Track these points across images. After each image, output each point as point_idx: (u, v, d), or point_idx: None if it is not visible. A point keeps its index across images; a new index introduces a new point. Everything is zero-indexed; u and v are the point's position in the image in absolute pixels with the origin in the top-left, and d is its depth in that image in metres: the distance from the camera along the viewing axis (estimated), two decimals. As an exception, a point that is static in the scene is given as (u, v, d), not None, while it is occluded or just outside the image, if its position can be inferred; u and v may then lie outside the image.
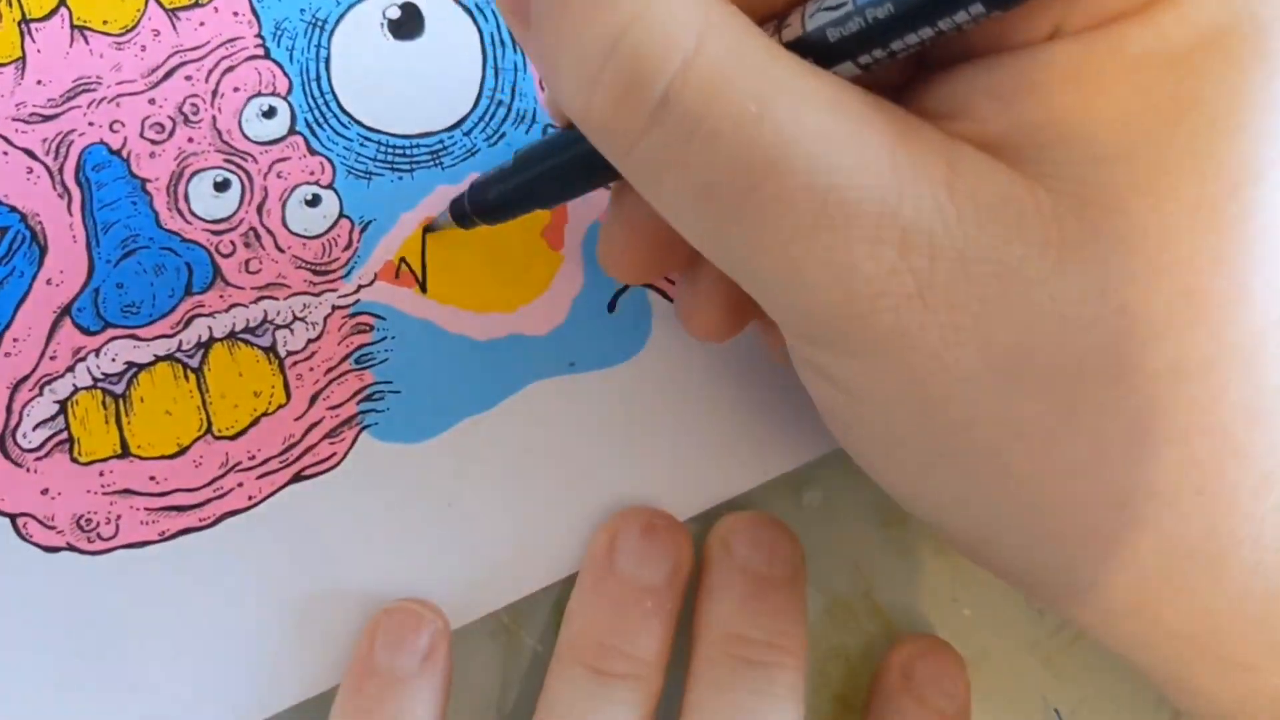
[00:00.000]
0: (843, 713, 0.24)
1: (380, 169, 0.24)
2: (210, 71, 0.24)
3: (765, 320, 0.21)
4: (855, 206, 0.14)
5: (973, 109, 0.15)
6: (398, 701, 0.21)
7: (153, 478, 0.23)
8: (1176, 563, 0.15)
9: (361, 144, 0.24)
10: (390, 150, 0.24)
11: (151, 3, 0.24)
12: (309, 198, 0.24)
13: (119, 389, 0.23)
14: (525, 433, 0.24)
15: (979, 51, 0.15)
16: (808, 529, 0.24)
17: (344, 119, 0.24)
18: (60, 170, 0.23)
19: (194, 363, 0.23)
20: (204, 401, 0.23)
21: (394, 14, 0.25)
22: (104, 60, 0.24)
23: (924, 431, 0.15)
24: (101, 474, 0.22)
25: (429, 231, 0.24)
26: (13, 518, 0.22)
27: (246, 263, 0.24)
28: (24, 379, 0.23)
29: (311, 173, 0.24)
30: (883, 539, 0.25)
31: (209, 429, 0.23)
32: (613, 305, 0.25)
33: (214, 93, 0.24)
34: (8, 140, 0.23)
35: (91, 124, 0.24)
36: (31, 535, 0.22)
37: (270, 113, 0.24)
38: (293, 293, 0.24)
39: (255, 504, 0.23)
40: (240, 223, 0.24)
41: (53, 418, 0.22)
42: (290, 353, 0.23)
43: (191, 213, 0.24)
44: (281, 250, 0.24)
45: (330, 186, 0.24)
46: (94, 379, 0.23)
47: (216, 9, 0.24)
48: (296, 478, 0.23)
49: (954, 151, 0.14)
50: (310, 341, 0.23)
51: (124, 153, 0.24)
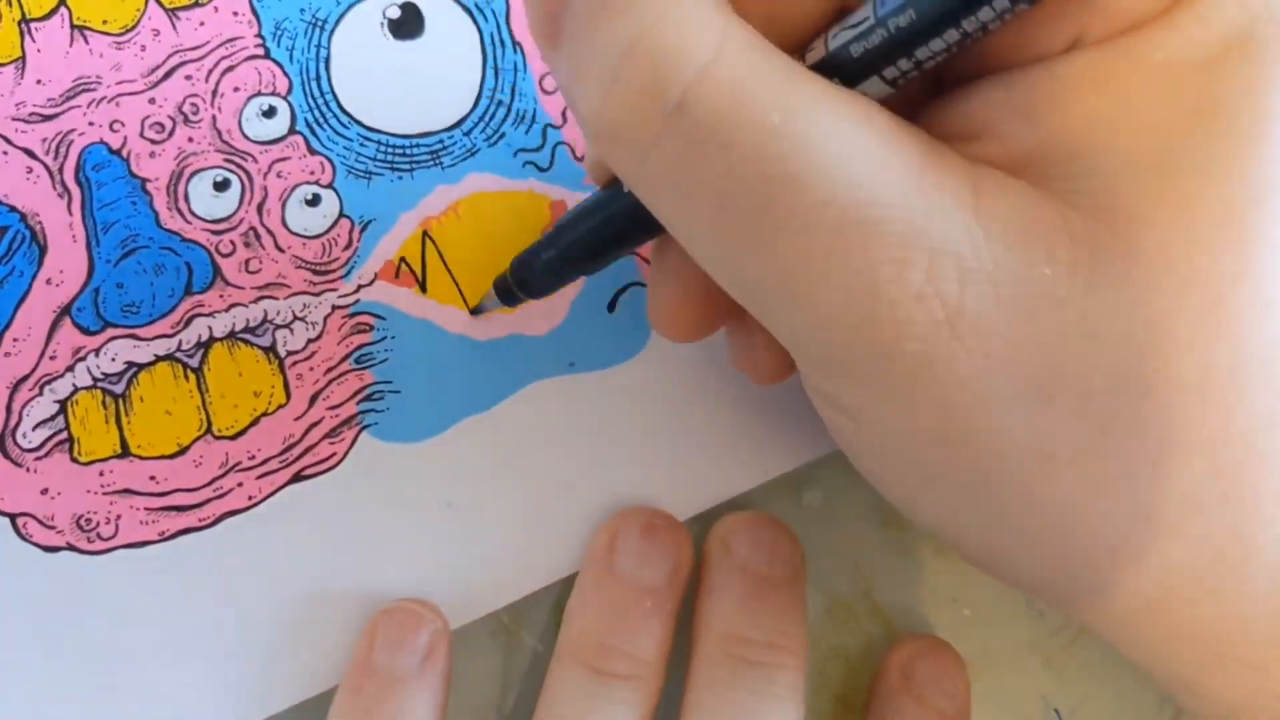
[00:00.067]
0: (843, 713, 0.24)
1: (380, 169, 0.24)
2: (210, 71, 0.24)
3: (739, 325, 0.20)
4: (880, 225, 0.13)
5: (995, 127, 0.14)
6: (397, 701, 0.21)
7: (153, 477, 0.23)
8: (1205, 567, 0.14)
9: (361, 144, 0.24)
10: (390, 150, 0.24)
11: (151, 2, 0.24)
12: (309, 197, 0.24)
13: (119, 389, 0.23)
14: (525, 433, 0.24)
15: (997, 66, 0.14)
16: (808, 529, 0.24)
17: (344, 119, 0.24)
18: (60, 170, 0.23)
19: (194, 362, 0.23)
20: (204, 401, 0.23)
21: (394, 14, 0.25)
22: (104, 60, 0.24)
23: (946, 460, 0.15)
24: (101, 474, 0.22)
25: (475, 314, 0.24)
26: (12, 517, 0.22)
27: (246, 262, 0.24)
28: (24, 379, 0.23)
29: (311, 172, 0.24)
30: (883, 539, 0.25)
31: (209, 429, 0.23)
32: (613, 305, 0.25)
33: (214, 92, 0.24)
34: (7, 140, 0.23)
35: (91, 124, 0.24)
36: (31, 535, 0.22)
37: (270, 112, 0.24)
38: (293, 292, 0.24)
39: (255, 504, 0.23)
40: (240, 222, 0.24)
41: (52, 417, 0.22)
42: (290, 352, 0.23)
43: (191, 212, 0.24)
44: (281, 250, 0.24)
45: (330, 186, 0.24)
46: (94, 379, 0.23)
47: (216, 9, 0.24)
48: (296, 477, 0.23)
49: (978, 174, 0.14)
50: (310, 341, 0.23)
51: (124, 152, 0.24)
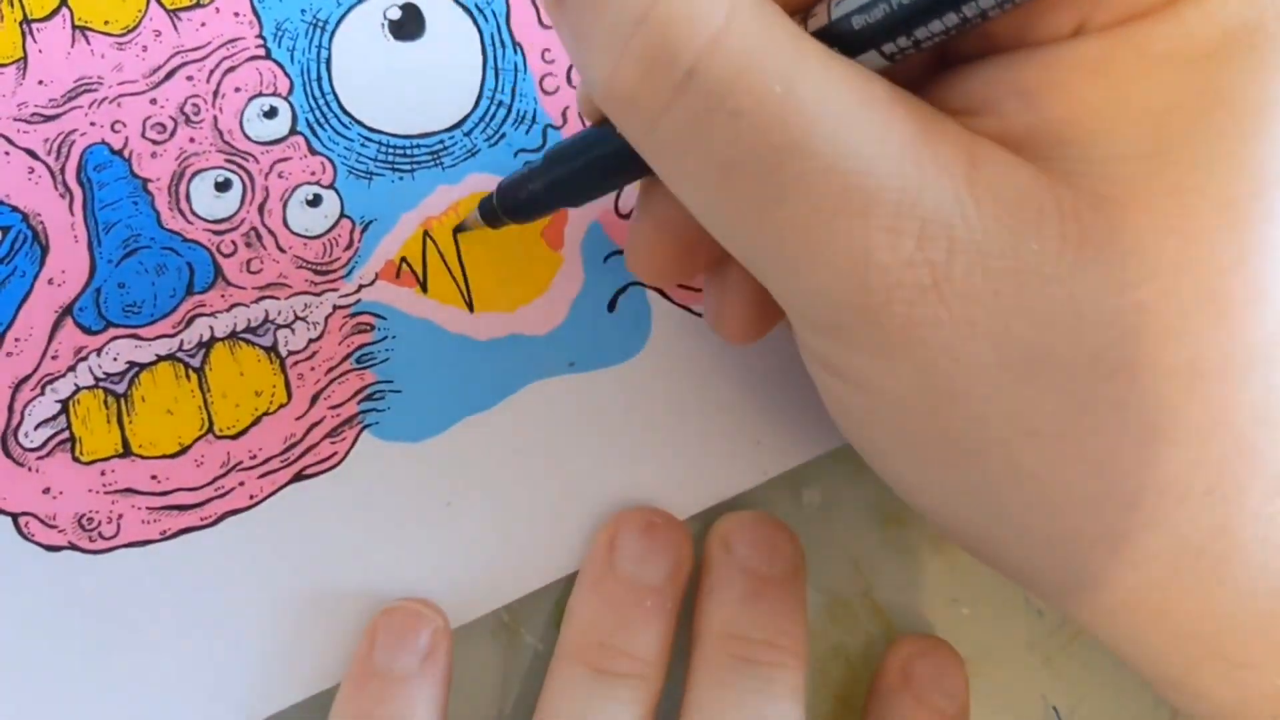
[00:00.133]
0: (843, 712, 0.24)
1: (381, 169, 0.24)
2: (211, 72, 0.24)
3: (714, 277, 0.21)
4: (875, 194, 0.14)
5: (995, 105, 0.14)
6: (398, 701, 0.21)
7: (154, 477, 0.23)
8: (1185, 561, 0.14)
9: (362, 144, 0.24)
10: (391, 150, 0.24)
11: (153, 3, 0.24)
12: (310, 198, 0.24)
13: (120, 388, 0.23)
14: (525, 432, 0.24)
15: (1002, 47, 0.15)
16: (807, 528, 0.24)
17: (345, 119, 0.24)
18: (62, 170, 0.23)
19: (195, 362, 0.23)
20: (205, 401, 0.23)
21: (394, 14, 0.25)
22: (105, 60, 0.24)
23: (934, 427, 0.15)
24: (103, 473, 0.22)
25: (459, 231, 0.24)
26: (14, 517, 0.22)
27: (248, 262, 0.24)
28: (26, 378, 0.23)
29: (312, 173, 0.24)
30: (882, 538, 0.25)
31: (210, 428, 0.23)
32: (613, 305, 0.25)
33: (215, 93, 0.24)
34: (9, 140, 0.23)
35: (93, 124, 0.24)
36: (33, 534, 0.22)
37: (271, 113, 0.24)
38: (294, 292, 0.24)
39: (256, 503, 0.23)
40: (241, 222, 0.24)
41: (54, 417, 0.23)
42: (291, 352, 0.23)
43: (193, 212, 0.24)
44: (283, 250, 0.24)
45: (331, 186, 0.24)
46: (95, 378, 0.23)
47: (218, 9, 0.24)
48: (298, 477, 0.23)
49: (975, 146, 0.14)
50: (311, 341, 0.24)
51: (125, 153, 0.24)
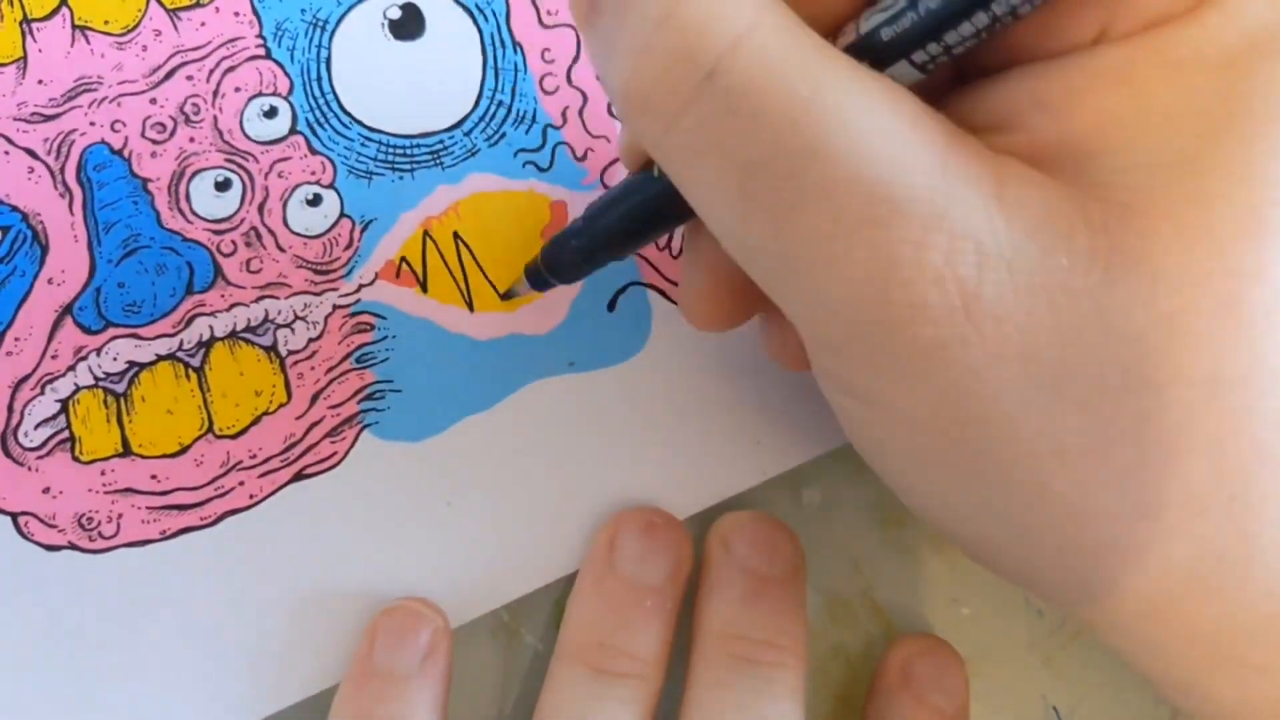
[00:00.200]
0: (843, 712, 0.24)
1: (381, 169, 0.24)
2: (211, 71, 0.24)
3: (770, 313, 0.21)
4: (902, 205, 0.13)
5: (1019, 119, 0.14)
6: (398, 700, 0.21)
7: (154, 476, 0.23)
8: (1206, 568, 0.14)
9: (362, 144, 0.24)
10: (391, 150, 0.24)
11: (153, 3, 0.24)
12: (310, 197, 0.24)
13: (120, 388, 0.23)
14: (525, 432, 0.24)
15: (1023, 58, 0.15)
16: (807, 528, 0.24)
17: (345, 119, 0.24)
18: (61, 170, 0.23)
19: (195, 362, 0.23)
20: (205, 400, 0.23)
21: (394, 14, 0.25)
22: (105, 60, 0.24)
23: (955, 448, 0.15)
24: (103, 473, 0.22)
25: (506, 299, 0.24)
26: (14, 516, 0.22)
27: (248, 262, 0.24)
28: (25, 378, 0.23)
29: (312, 172, 0.24)
30: (882, 538, 0.25)
31: (210, 428, 0.23)
32: (612, 305, 0.25)
33: (215, 93, 0.24)
34: (9, 140, 0.23)
35: (93, 124, 0.24)
36: (33, 534, 0.22)
37: (271, 112, 0.24)
38: (294, 292, 0.24)
39: (256, 503, 0.23)
40: (241, 222, 0.24)
41: (54, 417, 0.23)
42: (291, 352, 0.23)
43: (193, 212, 0.24)
44: (282, 249, 0.24)
45: (331, 186, 0.24)
46: (95, 378, 0.23)
47: (218, 9, 0.24)
48: (298, 476, 0.23)
49: (1000, 164, 0.14)
50: (311, 340, 0.24)
51: (125, 152, 0.24)
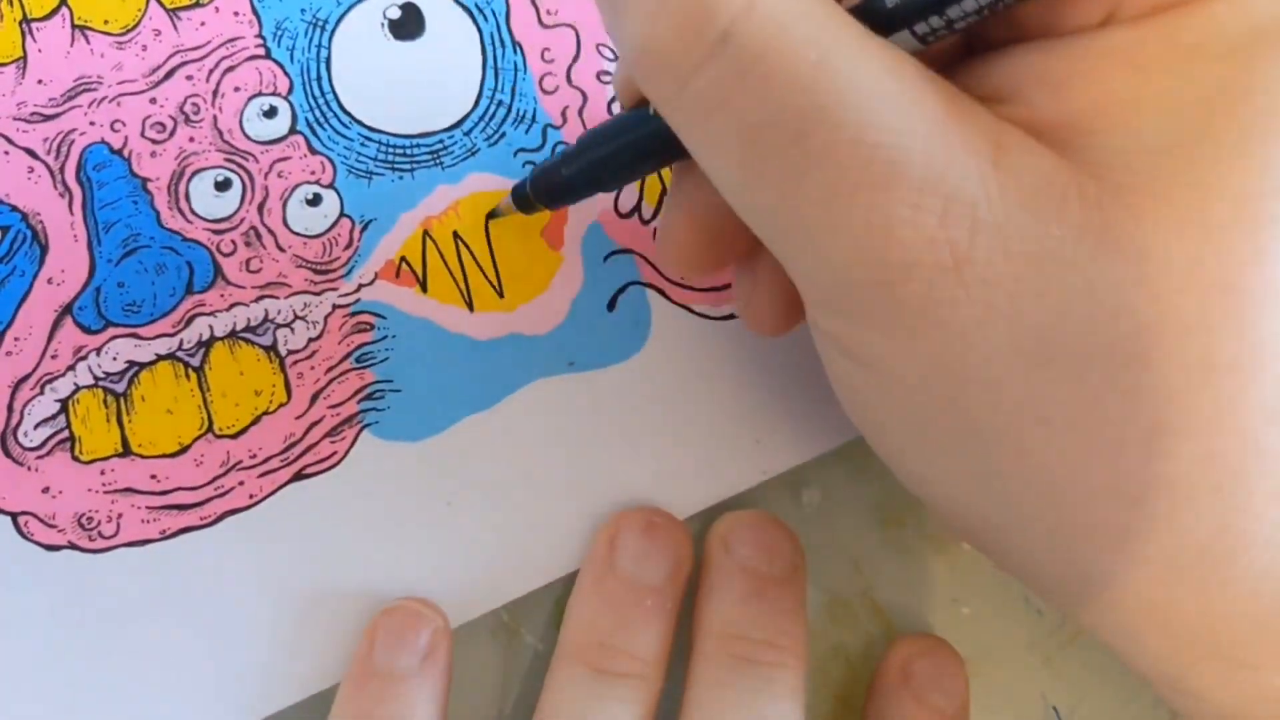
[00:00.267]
0: (842, 712, 0.24)
1: (381, 168, 0.24)
2: (211, 71, 0.24)
3: (745, 268, 0.21)
4: (901, 168, 0.14)
5: (1023, 94, 0.14)
6: (398, 701, 0.21)
7: (154, 476, 0.23)
8: (1188, 559, 0.14)
9: (362, 143, 0.24)
10: (391, 150, 0.24)
11: (152, 3, 0.24)
12: (310, 197, 0.24)
13: (120, 388, 0.23)
14: (525, 431, 0.24)
15: (1031, 35, 0.15)
16: (807, 528, 0.24)
17: (344, 119, 0.24)
18: (61, 169, 0.23)
19: (195, 361, 0.23)
20: (205, 400, 0.23)
21: (394, 14, 0.25)
22: (105, 60, 0.24)
23: (943, 412, 0.15)
24: (103, 472, 0.22)
25: (491, 218, 0.24)
26: (14, 516, 0.22)
27: (247, 262, 0.24)
28: (25, 378, 0.23)
29: (312, 172, 0.24)
30: (882, 538, 0.25)
31: (210, 428, 0.23)
32: (612, 304, 0.25)
33: (215, 92, 0.24)
34: (9, 140, 0.23)
35: (92, 123, 0.24)
36: (33, 534, 0.22)
37: (271, 112, 0.24)
38: (293, 292, 0.24)
39: (256, 502, 0.23)
40: (241, 222, 0.24)
41: (54, 416, 0.23)
42: (291, 351, 0.23)
43: (192, 212, 0.24)
44: (282, 249, 0.24)
45: (331, 186, 0.24)
46: (95, 378, 0.23)
47: (217, 9, 0.24)
48: (297, 476, 0.23)
49: (1001, 132, 0.14)
50: (311, 340, 0.24)
51: (125, 152, 0.24)
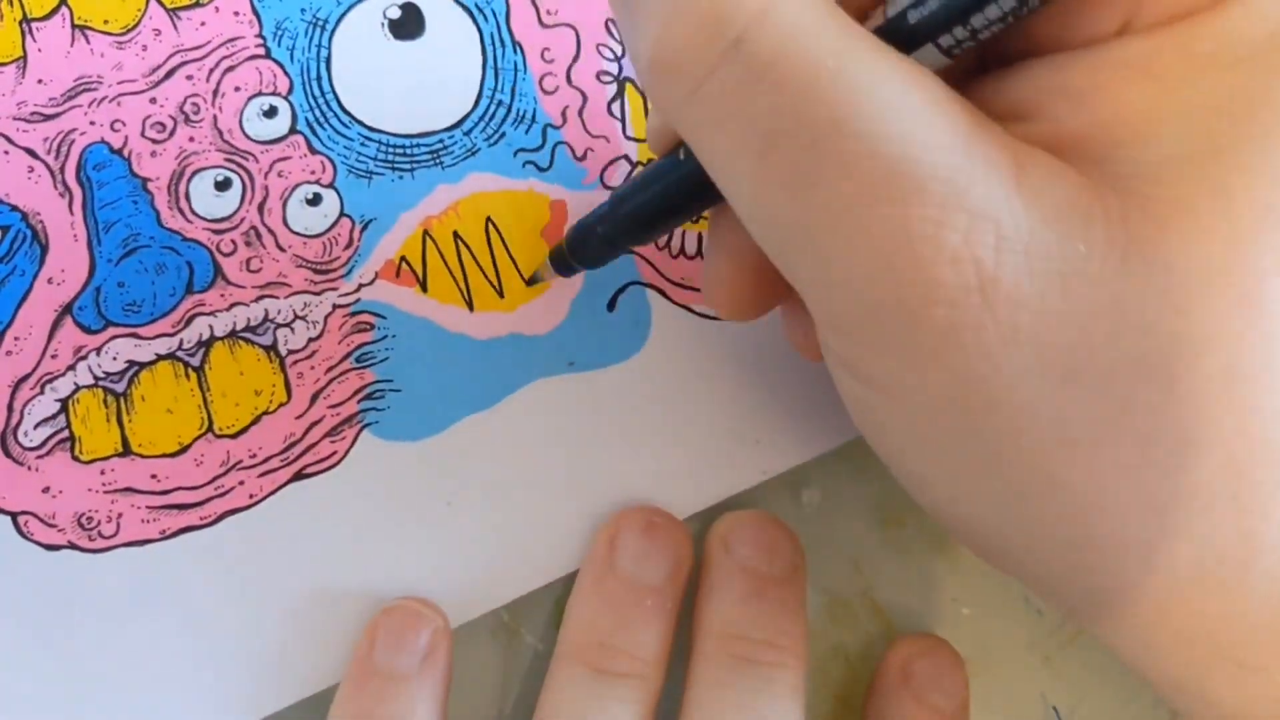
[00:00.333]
0: (842, 712, 0.24)
1: (381, 168, 0.24)
2: (211, 71, 0.24)
3: (793, 300, 0.20)
4: (921, 182, 0.13)
5: (1042, 109, 0.14)
6: (398, 700, 0.21)
7: (154, 476, 0.23)
8: (1208, 567, 0.14)
9: (362, 143, 0.24)
10: (391, 150, 0.24)
11: (152, 2, 0.24)
12: (310, 197, 0.24)
13: (120, 387, 0.23)
14: (525, 431, 0.24)
15: (1045, 48, 0.15)
16: (807, 528, 0.24)
17: (345, 118, 0.24)
18: (61, 169, 0.23)
19: (195, 361, 0.23)
20: (205, 400, 0.23)
21: (394, 14, 0.25)
22: (105, 60, 0.24)
23: (965, 436, 0.15)
24: (103, 472, 0.22)
25: (531, 284, 0.24)
26: (14, 516, 0.22)
27: (247, 261, 0.24)
28: (25, 377, 0.23)
29: (312, 172, 0.24)
30: (882, 538, 0.25)
31: (210, 427, 0.23)
32: (612, 304, 0.25)
33: (215, 92, 0.24)
34: (9, 139, 0.23)
35: (92, 123, 0.24)
36: (33, 533, 0.22)
37: (271, 112, 0.24)
38: (293, 291, 0.24)
39: (256, 502, 0.23)
40: (241, 222, 0.24)
41: (54, 416, 0.23)
42: (291, 351, 0.23)
43: (192, 212, 0.24)
44: (282, 249, 0.24)
45: (331, 185, 0.24)
46: (95, 377, 0.23)
47: (217, 9, 0.24)
48: (297, 476, 0.23)
49: (1021, 150, 0.14)
50: (311, 340, 0.23)
51: (125, 152, 0.24)
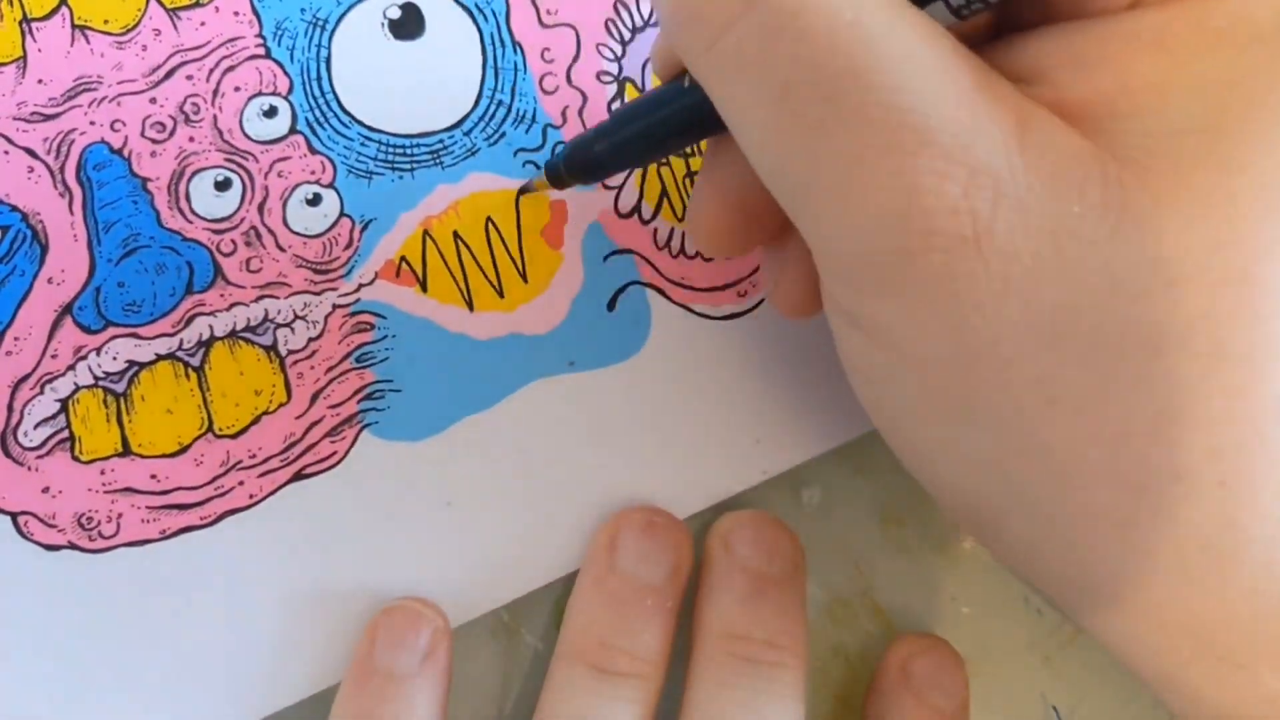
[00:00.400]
0: (843, 712, 0.24)
1: (381, 168, 0.24)
2: (211, 71, 0.24)
3: (775, 248, 0.21)
4: (928, 135, 0.14)
5: (1050, 75, 0.15)
6: (398, 700, 0.21)
7: (154, 476, 0.23)
8: (1190, 554, 0.14)
9: (362, 143, 0.24)
10: (391, 149, 0.24)
11: (152, 2, 0.24)
12: (310, 197, 0.24)
13: (120, 387, 0.23)
14: (525, 431, 0.24)
15: (1059, 16, 0.15)
16: (807, 527, 0.24)
17: (345, 118, 0.24)
18: (61, 169, 0.23)
19: (195, 361, 0.23)
20: (205, 400, 0.23)
21: (394, 14, 0.25)
22: (105, 60, 0.24)
23: (952, 389, 0.15)
24: (103, 472, 0.22)
25: (522, 193, 0.24)
26: (14, 516, 0.22)
27: (247, 261, 0.24)
28: (25, 377, 0.23)
29: (312, 172, 0.24)
30: (882, 537, 0.25)
31: (210, 427, 0.23)
32: (612, 304, 0.25)
33: (215, 92, 0.24)
34: (9, 139, 0.23)
35: (92, 123, 0.24)
36: (33, 534, 0.22)
37: (271, 112, 0.24)
38: (293, 291, 0.24)
39: (256, 502, 0.23)
40: (241, 222, 0.24)
41: (54, 416, 0.23)
42: (291, 351, 0.23)
43: (192, 212, 0.24)
44: (282, 249, 0.24)
45: (331, 185, 0.24)
46: (95, 377, 0.23)
47: (217, 9, 0.24)
48: (297, 476, 0.23)
49: (1028, 109, 0.14)
50: (311, 340, 0.23)
51: (125, 152, 0.24)
